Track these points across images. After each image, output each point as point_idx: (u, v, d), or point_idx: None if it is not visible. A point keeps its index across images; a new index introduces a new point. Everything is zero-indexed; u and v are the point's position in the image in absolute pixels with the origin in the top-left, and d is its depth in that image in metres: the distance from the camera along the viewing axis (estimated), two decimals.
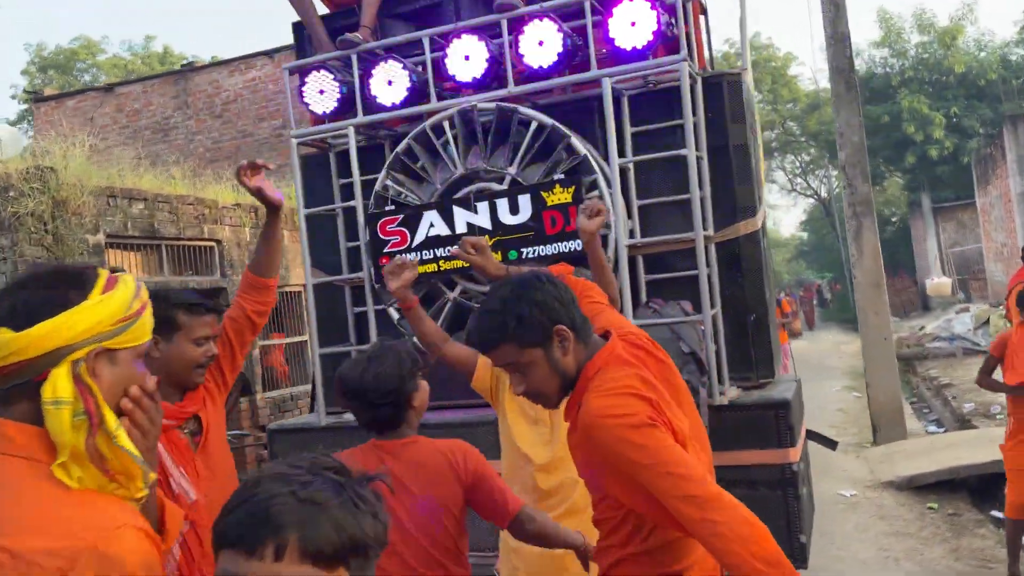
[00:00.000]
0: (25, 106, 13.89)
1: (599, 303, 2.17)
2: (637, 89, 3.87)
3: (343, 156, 4.35)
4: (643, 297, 3.86)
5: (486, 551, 3.85)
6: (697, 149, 3.75)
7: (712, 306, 3.78)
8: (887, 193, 33.64)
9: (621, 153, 3.86)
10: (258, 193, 2.35)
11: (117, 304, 1.23)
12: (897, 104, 23.69)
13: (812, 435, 4.75)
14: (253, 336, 2.43)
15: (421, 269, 3.84)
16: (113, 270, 1.33)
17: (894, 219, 33.36)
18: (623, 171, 3.86)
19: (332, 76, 4.03)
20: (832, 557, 5.24)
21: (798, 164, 35.53)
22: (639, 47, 3.58)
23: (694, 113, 3.76)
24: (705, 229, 3.76)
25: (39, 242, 6.38)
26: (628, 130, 3.85)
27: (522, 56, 3.71)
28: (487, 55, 3.77)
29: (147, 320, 1.31)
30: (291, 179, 4.57)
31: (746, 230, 3.81)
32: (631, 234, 3.85)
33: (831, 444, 4.90)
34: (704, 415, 3.42)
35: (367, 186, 4.07)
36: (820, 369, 15.54)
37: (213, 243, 8.19)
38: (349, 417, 4.16)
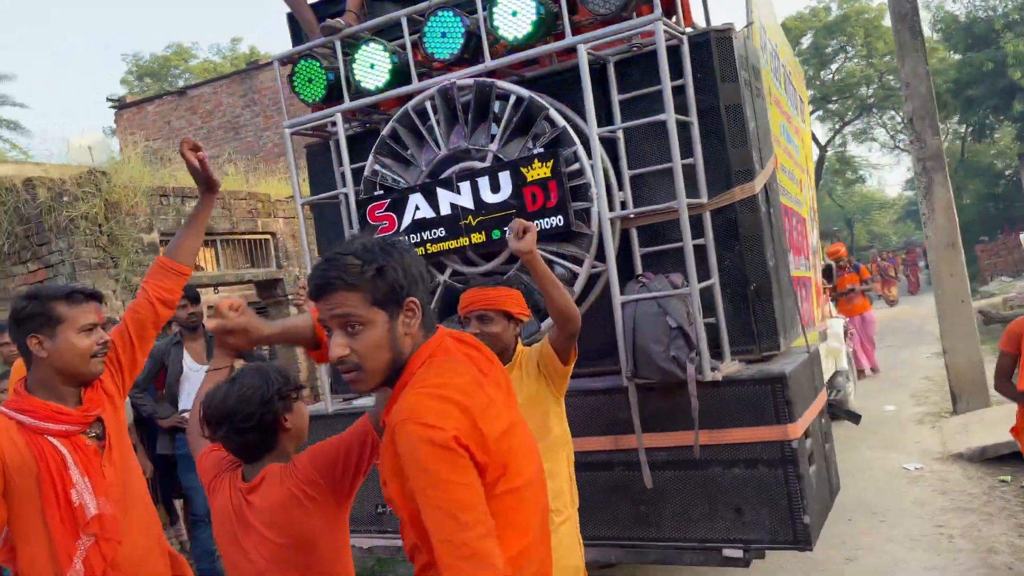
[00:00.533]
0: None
1: None
2: (622, 54, 3.70)
3: (347, 142, 4.37)
4: (639, 271, 3.71)
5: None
6: (687, 113, 3.57)
7: (708, 277, 3.60)
8: (998, 145, 31.43)
9: (609, 121, 3.71)
10: (198, 170, 2.31)
11: None
12: (1001, 50, 22.06)
13: (836, 410, 4.49)
14: (155, 331, 2.39)
15: None
16: None
17: (1007, 172, 31.21)
18: (612, 140, 3.71)
19: (318, 64, 4.03)
20: (881, 536, 4.97)
21: (899, 119, 33.63)
22: (614, 10, 3.42)
23: (680, 75, 3.57)
24: (699, 196, 3.58)
25: (95, 243, 6.71)
26: (615, 97, 3.69)
27: (496, 28, 3.61)
28: (463, 30, 3.68)
29: None
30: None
31: (743, 195, 3.60)
32: (623, 205, 3.71)
33: (855, 418, 4.61)
34: (693, 393, 3.28)
35: (361, 172, 4.06)
36: (919, 334, 14.73)
37: (268, 236, 8.42)
38: (358, 403, 4.20)
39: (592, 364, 3.84)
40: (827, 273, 7.94)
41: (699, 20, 4.19)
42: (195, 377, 4.93)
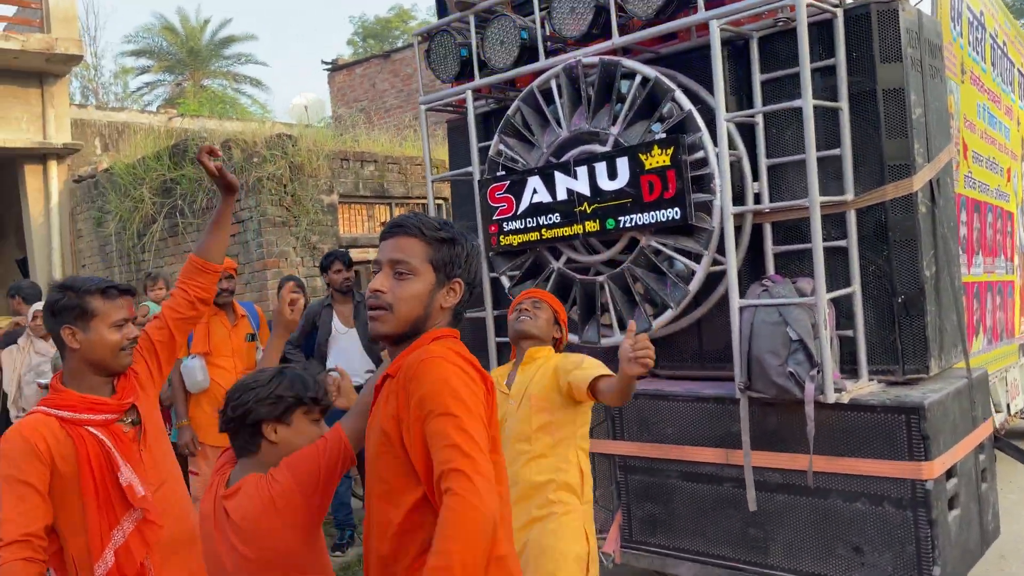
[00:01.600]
0: None
1: None
2: (767, 29, 3.32)
3: (483, 119, 4.32)
4: (770, 271, 3.36)
5: None
6: (837, 97, 3.15)
7: (849, 284, 3.19)
8: None
9: (750, 105, 3.37)
10: (216, 175, 2.38)
11: None
12: None
13: (1001, 444, 3.85)
14: (193, 326, 2.47)
15: (525, 238, 3.73)
16: None
17: None
18: (750, 127, 3.37)
19: (454, 40, 3.99)
20: None
21: None
22: None
23: (827, 54, 3.15)
24: (843, 192, 3.17)
25: (279, 203, 7.21)
26: (756, 77, 3.33)
27: (627, 3, 3.36)
28: (592, 5, 3.47)
29: None
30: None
31: (896, 193, 3.13)
32: (757, 198, 3.36)
33: (1022, 457, 3.93)
34: (809, 414, 2.94)
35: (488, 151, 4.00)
36: None
37: (440, 201, 8.64)
38: None
39: (710, 368, 3.57)
40: None
41: None
42: (343, 339, 5.17)
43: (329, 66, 15.39)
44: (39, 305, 5.60)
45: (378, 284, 1.71)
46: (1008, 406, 5.26)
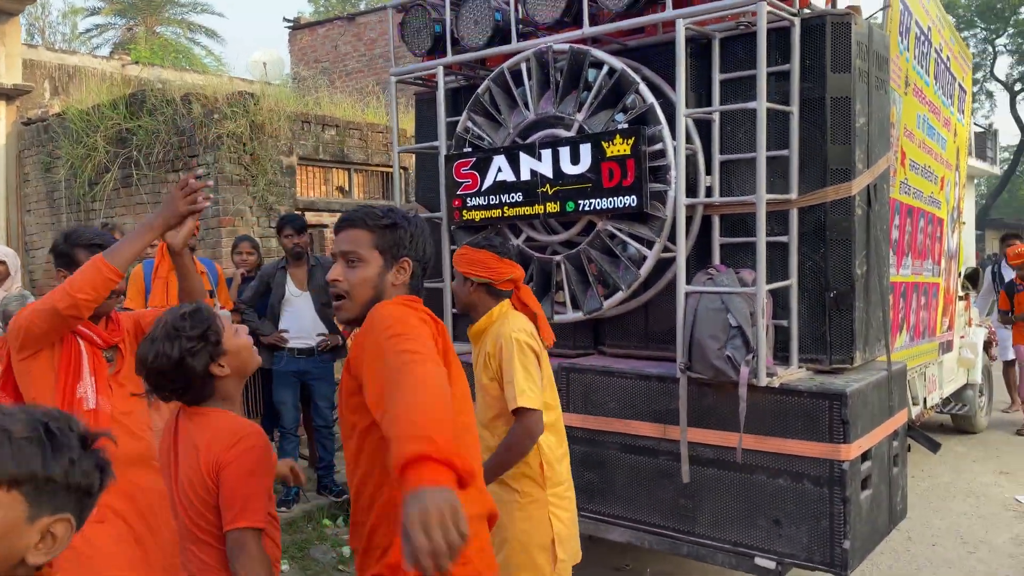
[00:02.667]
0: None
1: None
2: (729, 31, 3.50)
3: (452, 95, 4.43)
4: (716, 261, 3.58)
5: None
6: (789, 101, 3.36)
7: (786, 277, 3.42)
8: None
9: (708, 102, 3.55)
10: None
11: None
12: None
13: (914, 434, 4.17)
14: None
15: (487, 214, 3.87)
16: None
17: None
18: (707, 123, 3.56)
19: (428, 15, 4.08)
20: (962, 568, 4.64)
21: None
22: None
23: (783, 60, 3.35)
24: (788, 191, 3.39)
25: (238, 161, 7.19)
26: (716, 76, 3.51)
27: None
28: None
29: None
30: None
31: (836, 196, 3.36)
32: (708, 191, 3.56)
33: (933, 446, 4.26)
34: (742, 395, 3.17)
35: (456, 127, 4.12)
36: None
37: (401, 170, 8.69)
38: None
39: (655, 348, 3.78)
40: (972, 278, 7.27)
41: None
42: (296, 302, 5.26)
43: (291, 24, 15.16)
44: None
45: (334, 275, 1.90)
46: (925, 400, 5.64)
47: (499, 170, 3.77)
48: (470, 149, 3.96)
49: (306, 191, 7.95)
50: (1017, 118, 33.75)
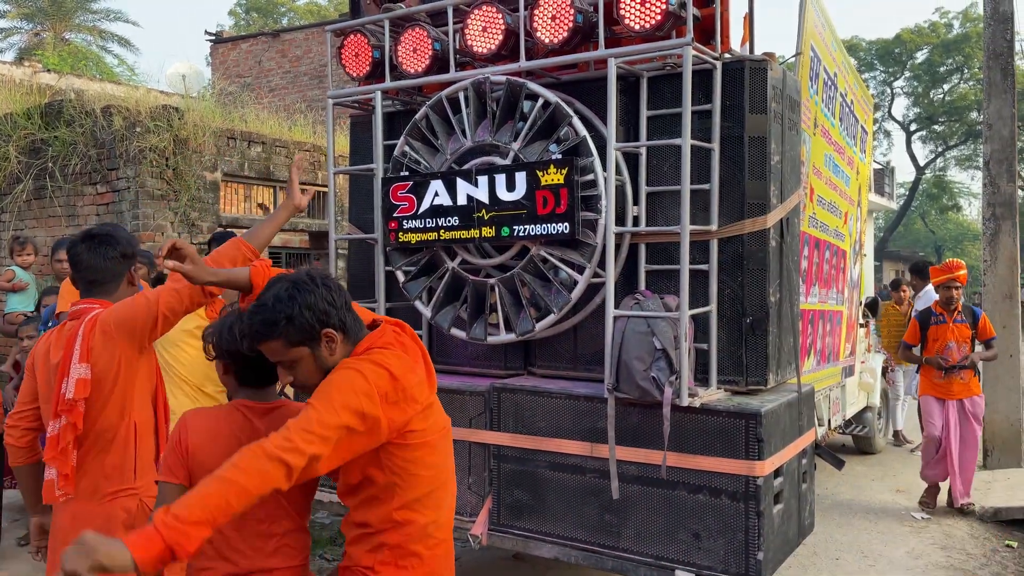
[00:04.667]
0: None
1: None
2: (656, 71, 3.71)
3: (388, 119, 4.50)
4: (642, 287, 3.76)
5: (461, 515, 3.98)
6: (710, 138, 3.58)
7: (706, 303, 3.63)
8: None
9: (636, 137, 3.75)
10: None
11: None
12: None
13: (821, 452, 4.46)
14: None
15: (423, 237, 3.96)
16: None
17: None
18: (635, 156, 3.75)
19: (367, 40, 4.16)
20: None
21: None
22: (648, 27, 3.45)
23: (706, 100, 3.59)
24: (709, 223, 3.61)
25: (160, 175, 7.06)
26: (644, 113, 3.71)
27: (535, 30, 3.67)
28: (503, 27, 3.75)
29: None
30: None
31: (752, 228, 3.60)
32: (635, 221, 3.75)
33: (838, 463, 4.57)
34: (666, 415, 3.34)
35: (393, 150, 4.20)
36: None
37: (325, 188, 8.68)
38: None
39: (582, 369, 3.93)
40: (871, 306, 7.75)
41: (766, 45, 4.15)
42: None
43: (213, 38, 14.95)
44: None
45: (286, 379, 2.05)
46: (829, 421, 5.98)
47: (436, 194, 3.88)
48: (407, 173, 4.05)
49: (229, 207, 7.86)
50: (912, 156, 35.94)
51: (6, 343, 6.77)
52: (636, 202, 3.76)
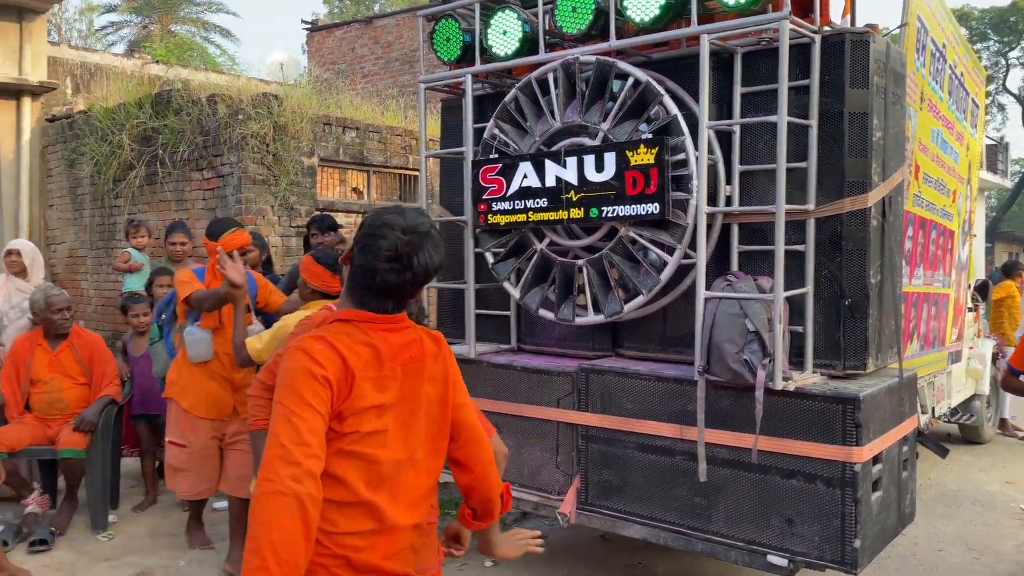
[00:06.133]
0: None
1: None
2: (751, 46, 3.62)
3: (477, 102, 4.55)
4: (734, 268, 3.69)
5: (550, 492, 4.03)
6: (808, 115, 3.47)
7: (802, 285, 3.54)
8: None
9: (728, 115, 3.67)
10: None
11: None
12: None
13: (924, 439, 4.28)
14: None
15: (512, 218, 3.99)
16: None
17: None
18: (727, 134, 3.68)
19: (458, 24, 4.21)
20: (967, 572, 4.74)
21: None
22: (743, 1, 3.36)
23: (803, 75, 3.47)
24: (806, 202, 3.50)
25: (261, 161, 7.34)
26: (737, 90, 3.63)
27: (625, 8, 3.63)
28: (593, 7, 3.72)
29: None
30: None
31: (852, 207, 3.48)
32: (728, 200, 3.68)
33: (942, 452, 4.37)
34: (758, 398, 3.28)
35: (483, 133, 4.24)
36: None
37: (417, 172, 8.83)
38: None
39: (671, 351, 3.90)
40: (981, 290, 7.36)
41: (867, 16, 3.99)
42: None
43: (309, 26, 15.35)
44: (15, 243, 5.69)
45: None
46: (933, 409, 5.74)
47: (525, 176, 3.90)
48: (496, 155, 4.08)
49: (324, 191, 8.10)
50: None
51: (123, 320, 7.19)
52: (728, 181, 3.68)
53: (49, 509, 4.95)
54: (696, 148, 3.50)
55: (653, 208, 3.55)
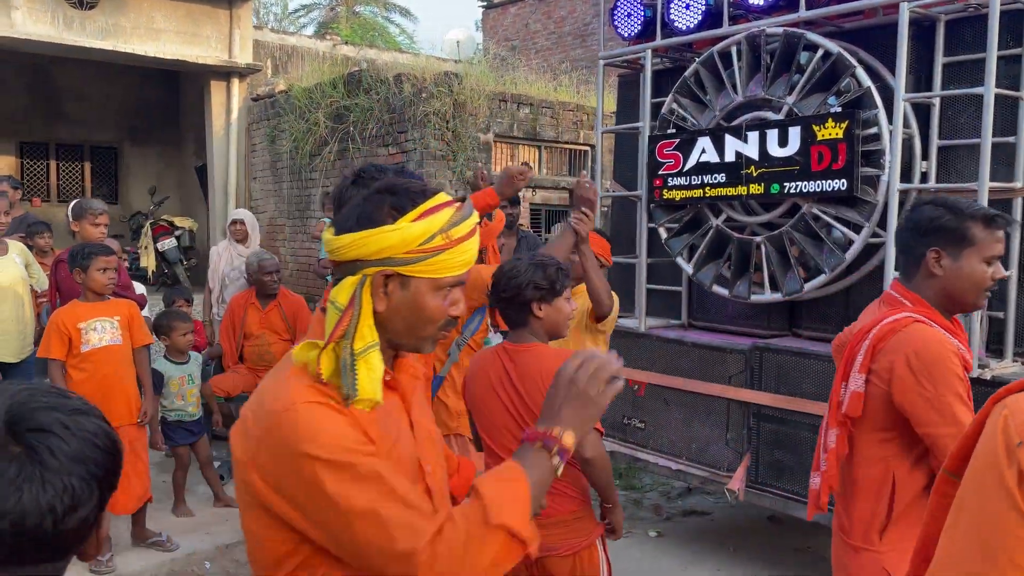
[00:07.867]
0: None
1: None
2: (956, 13, 3.40)
3: (654, 77, 4.56)
4: None
5: (720, 468, 4.04)
6: (1020, 87, 3.23)
7: (1005, 268, 3.31)
8: None
9: (927, 86, 3.48)
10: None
11: (415, 234, 1.24)
12: None
13: None
14: None
15: (688, 194, 3.99)
16: (463, 199, 1.35)
17: None
18: (925, 108, 3.49)
19: (639, 0, 4.22)
20: None
21: None
22: None
23: (1015, 44, 3.23)
24: (1012, 180, 3.27)
25: (440, 137, 7.68)
26: (939, 60, 3.43)
27: None
28: None
29: (452, 257, 1.27)
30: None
31: None
32: (924, 177, 3.50)
33: None
34: None
35: (660, 108, 4.25)
36: None
37: (588, 148, 8.91)
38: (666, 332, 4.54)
39: None
40: None
41: None
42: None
43: (485, 3, 15.71)
44: (238, 212, 6.30)
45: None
46: None
47: (703, 151, 3.88)
48: (674, 130, 4.09)
49: (498, 166, 8.35)
50: None
51: (319, 286, 7.79)
52: (925, 157, 3.50)
53: None
54: (890, 122, 3.35)
55: (840, 184, 3.44)
